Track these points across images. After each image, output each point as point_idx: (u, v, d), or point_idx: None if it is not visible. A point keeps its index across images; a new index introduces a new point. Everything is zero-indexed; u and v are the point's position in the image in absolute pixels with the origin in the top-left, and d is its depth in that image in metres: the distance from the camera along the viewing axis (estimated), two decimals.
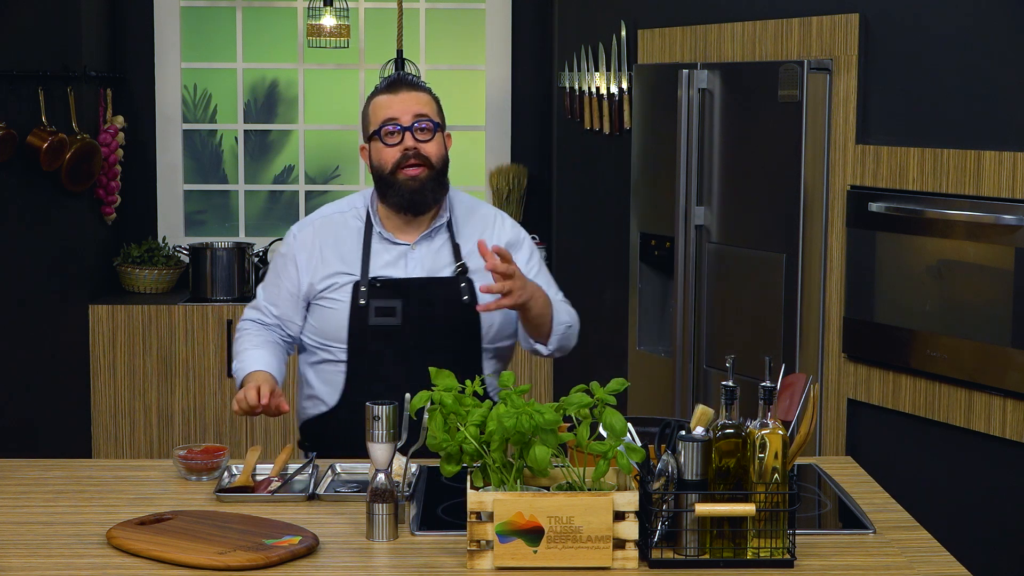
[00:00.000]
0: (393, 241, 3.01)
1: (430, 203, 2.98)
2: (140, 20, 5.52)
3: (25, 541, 2.36)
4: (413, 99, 2.96)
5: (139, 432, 5.13)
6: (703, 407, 2.29)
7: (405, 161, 2.93)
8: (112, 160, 5.24)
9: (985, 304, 3.50)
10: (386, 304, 2.95)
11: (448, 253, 3.02)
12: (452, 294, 2.98)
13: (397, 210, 2.98)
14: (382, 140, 2.96)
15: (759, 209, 4.11)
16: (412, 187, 2.94)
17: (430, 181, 2.95)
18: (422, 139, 2.95)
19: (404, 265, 2.99)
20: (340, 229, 3.04)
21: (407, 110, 2.95)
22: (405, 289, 2.96)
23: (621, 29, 4.79)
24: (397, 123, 2.94)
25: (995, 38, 3.54)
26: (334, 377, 3.00)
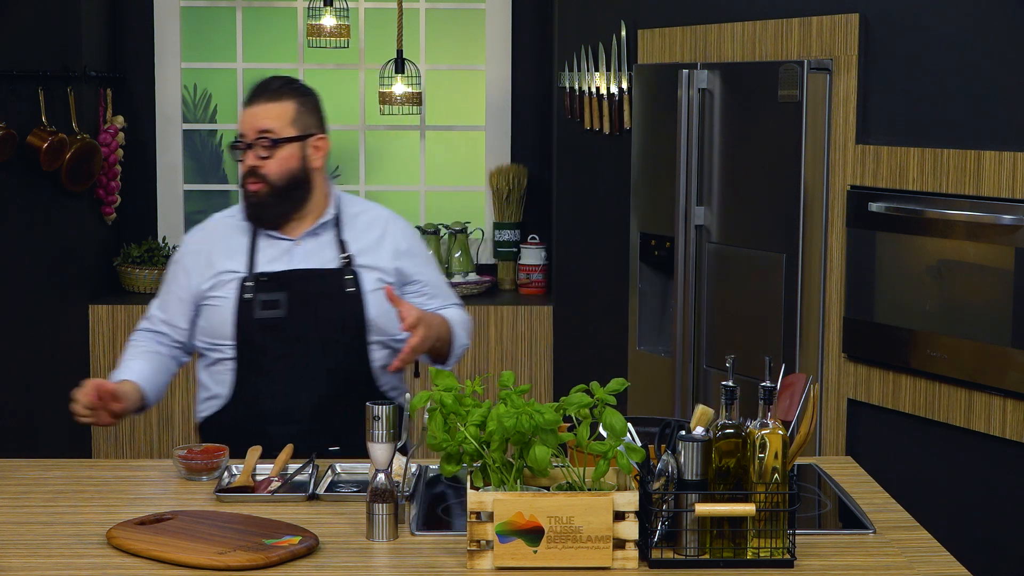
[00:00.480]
0: (278, 237, 3.05)
1: (269, 217, 3.03)
2: (140, 20, 5.52)
3: (25, 541, 2.36)
4: (263, 112, 3.00)
5: (139, 432, 5.13)
6: (703, 407, 2.29)
7: (247, 177, 3.00)
8: (112, 160, 5.24)
9: (985, 304, 3.50)
10: (270, 297, 2.99)
11: (333, 248, 3.06)
12: (336, 285, 3.01)
13: (246, 220, 3.06)
14: (233, 155, 3.06)
15: (759, 209, 4.11)
16: (252, 201, 3.02)
17: (268, 197, 3.00)
18: (262, 155, 2.99)
19: (289, 260, 3.03)
20: (228, 231, 3.09)
21: (253, 126, 3.00)
22: (289, 281, 3.00)
23: (621, 29, 4.79)
24: (243, 139, 3.01)
25: (995, 38, 3.54)
26: (225, 376, 3.03)
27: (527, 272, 5.52)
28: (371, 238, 3.09)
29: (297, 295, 3.00)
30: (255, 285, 2.99)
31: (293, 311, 2.99)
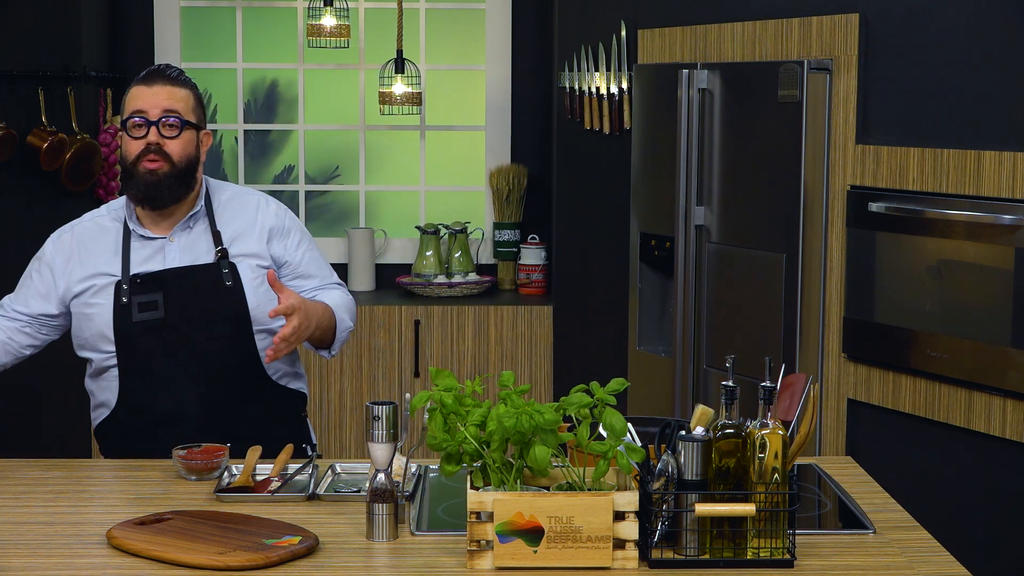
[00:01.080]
0: (149, 236, 3.01)
1: (167, 199, 2.96)
2: (140, 20, 5.52)
3: (25, 541, 2.36)
4: (166, 93, 2.95)
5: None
6: (703, 407, 2.29)
7: (146, 154, 2.93)
8: (112, 160, 5.24)
9: (985, 304, 3.50)
10: (148, 299, 2.95)
11: (207, 241, 3.02)
12: (214, 279, 2.97)
13: (136, 202, 2.99)
14: (127, 131, 2.96)
15: (759, 209, 4.11)
16: (149, 180, 2.94)
17: (168, 177, 2.94)
18: (167, 135, 2.94)
19: (163, 258, 2.99)
20: (98, 233, 3.06)
21: (157, 104, 2.94)
22: (164, 281, 2.96)
23: (621, 29, 4.79)
24: (144, 116, 2.94)
25: (995, 38, 3.54)
26: (111, 382, 3.00)
27: (527, 272, 5.52)
28: (243, 223, 3.05)
29: (174, 294, 2.95)
30: (130, 288, 2.95)
31: (171, 311, 2.95)
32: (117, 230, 3.04)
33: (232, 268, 2.99)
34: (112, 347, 2.97)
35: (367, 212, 5.76)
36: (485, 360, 5.19)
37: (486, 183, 5.66)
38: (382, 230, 5.65)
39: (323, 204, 5.85)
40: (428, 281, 5.37)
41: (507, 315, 5.23)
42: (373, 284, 5.52)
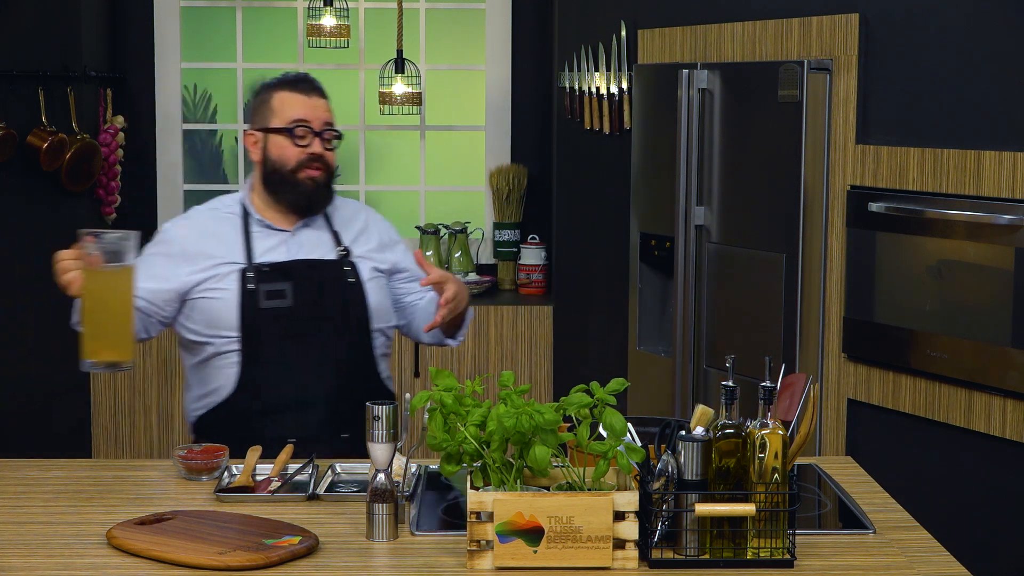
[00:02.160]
0: (273, 228, 3.08)
1: (321, 205, 3.09)
2: (140, 20, 5.52)
3: (25, 541, 2.36)
4: (323, 106, 3.09)
5: (139, 432, 5.13)
6: (703, 407, 2.29)
7: (309, 163, 3.03)
8: (112, 160, 5.24)
9: (985, 304, 3.50)
10: (275, 287, 3.01)
11: (329, 240, 3.11)
12: (338, 275, 3.06)
13: (289, 207, 3.06)
14: (293, 140, 3.03)
15: (759, 209, 4.11)
16: (310, 187, 3.04)
17: (324, 186, 3.06)
18: (328, 148, 3.06)
19: (286, 250, 3.06)
20: (216, 224, 3.10)
21: (318, 116, 3.06)
22: (292, 271, 3.02)
23: (621, 29, 4.79)
24: (309, 126, 3.04)
25: (995, 38, 3.54)
26: (226, 369, 3.02)
27: (527, 272, 5.52)
28: (356, 229, 3.16)
29: (302, 285, 3.02)
30: (256, 275, 3.00)
31: (299, 300, 3.01)
32: (235, 221, 3.09)
33: (353, 267, 3.08)
34: (235, 333, 3.00)
35: None
36: (485, 360, 5.19)
37: (486, 183, 5.66)
38: None
39: None
40: None
41: (507, 315, 5.23)
42: None
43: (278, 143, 3.04)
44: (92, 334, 2.69)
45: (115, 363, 2.71)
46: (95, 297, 2.68)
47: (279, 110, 3.06)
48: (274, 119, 3.06)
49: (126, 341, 2.71)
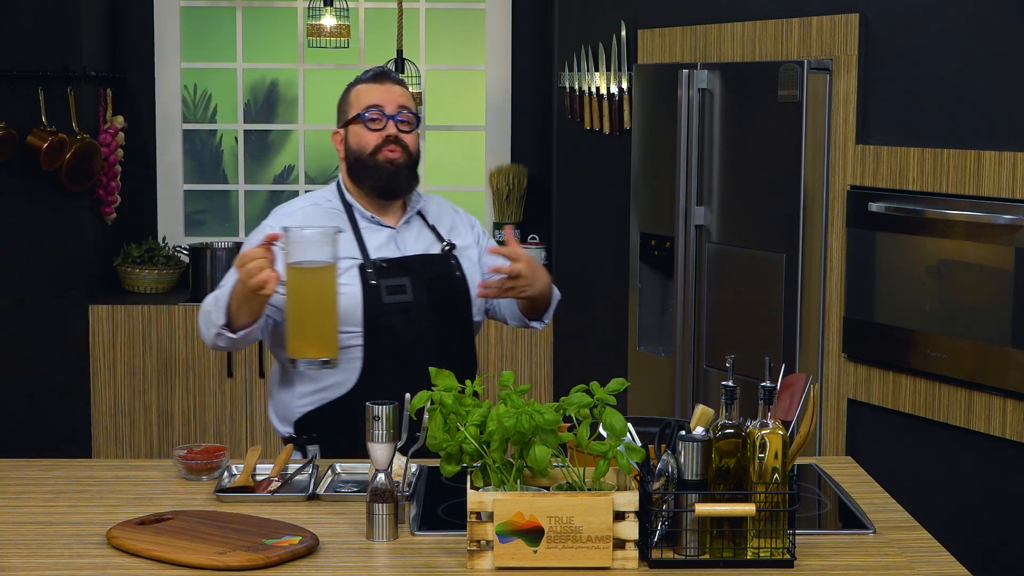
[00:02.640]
0: (381, 224, 3.08)
1: (404, 188, 3.06)
2: (140, 20, 5.52)
3: (25, 541, 2.36)
4: (398, 91, 3.07)
5: (139, 432, 5.13)
6: (703, 407, 2.29)
7: (385, 145, 3.02)
8: (112, 160, 5.24)
9: (985, 304, 3.50)
10: (395, 283, 3.01)
11: (429, 234, 3.12)
12: (447, 270, 3.08)
13: (373, 192, 3.05)
14: (365, 124, 3.03)
15: (759, 209, 4.11)
16: (389, 170, 3.03)
17: (406, 167, 3.04)
18: (404, 129, 3.04)
19: (395, 246, 3.06)
20: (325, 217, 3.07)
21: (392, 100, 3.04)
22: (410, 266, 3.04)
23: (621, 29, 4.79)
24: (382, 109, 3.03)
25: (995, 38, 3.54)
26: (347, 364, 2.98)
27: None
28: (450, 221, 3.18)
29: (419, 280, 3.03)
30: (376, 271, 3.00)
31: (417, 295, 3.02)
32: (342, 216, 3.08)
33: (457, 261, 3.10)
34: (357, 328, 2.98)
35: None
36: (485, 360, 5.19)
37: (486, 183, 5.66)
38: None
39: None
40: None
41: None
42: None
43: (356, 132, 3.05)
44: (298, 333, 2.67)
45: (321, 360, 2.67)
46: (300, 296, 2.65)
47: (355, 102, 3.07)
48: (351, 111, 3.07)
49: (331, 338, 2.68)
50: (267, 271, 2.67)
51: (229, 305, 2.85)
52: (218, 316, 2.87)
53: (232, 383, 5.12)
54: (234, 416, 5.13)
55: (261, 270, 2.67)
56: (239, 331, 2.87)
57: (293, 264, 2.63)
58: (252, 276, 2.68)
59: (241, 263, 2.70)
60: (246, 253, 2.71)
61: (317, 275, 2.65)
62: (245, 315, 2.85)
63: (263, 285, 2.67)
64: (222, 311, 2.86)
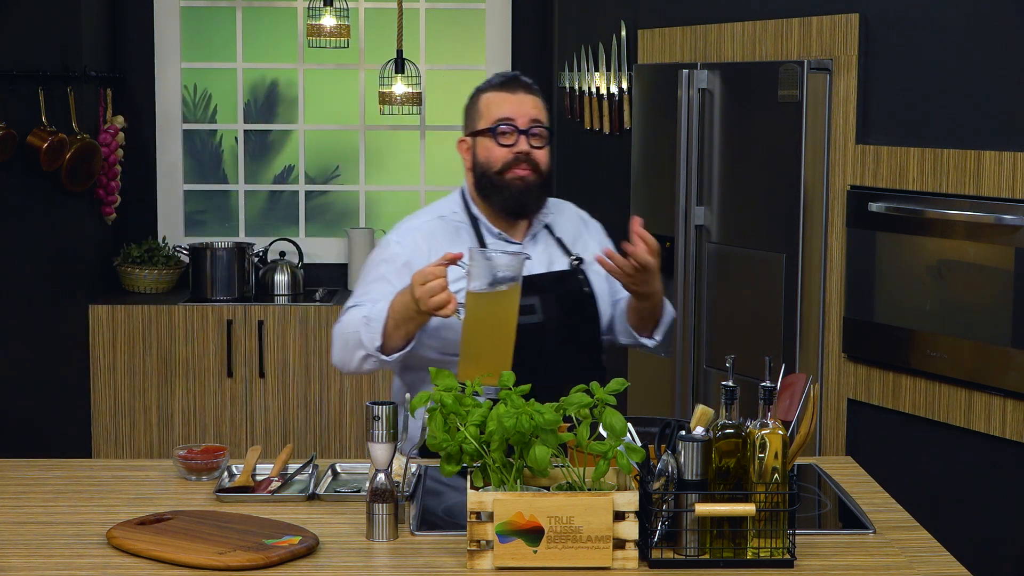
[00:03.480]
0: (509, 240, 2.96)
1: (533, 208, 2.94)
2: (140, 20, 5.52)
3: (25, 541, 2.36)
4: (530, 102, 2.93)
5: (139, 432, 5.13)
6: (703, 407, 2.29)
7: (516, 163, 2.90)
8: (112, 160, 5.24)
9: (985, 304, 3.50)
10: (525, 303, 2.82)
11: (557, 248, 3.00)
12: (576, 286, 2.96)
13: (501, 211, 2.93)
14: (495, 138, 2.92)
15: (759, 209, 4.11)
16: (519, 188, 2.90)
17: (536, 187, 2.91)
18: (536, 145, 2.91)
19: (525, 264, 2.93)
20: (451, 232, 2.97)
21: (524, 113, 2.91)
22: (539, 285, 2.90)
23: (621, 29, 4.79)
24: (514, 124, 2.91)
25: (995, 38, 3.54)
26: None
27: None
28: (572, 234, 3.04)
29: (549, 299, 2.91)
30: None
31: (548, 315, 2.90)
32: (469, 231, 2.97)
33: (586, 276, 2.98)
34: None
35: (367, 212, 5.76)
36: None
37: None
38: (382, 230, 5.65)
39: (323, 204, 5.85)
40: None
41: None
42: None
43: (484, 145, 2.94)
44: (473, 357, 2.60)
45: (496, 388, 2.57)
46: (481, 320, 2.59)
47: (485, 112, 2.95)
48: (480, 121, 2.95)
49: (506, 365, 2.60)
50: (446, 292, 2.60)
51: (385, 326, 2.76)
52: (372, 338, 2.78)
53: (232, 383, 5.12)
54: (234, 416, 5.13)
55: (443, 289, 2.60)
56: (392, 354, 2.78)
57: (479, 288, 2.57)
58: (433, 294, 2.61)
59: (420, 281, 2.62)
60: (425, 271, 2.62)
61: (501, 300, 2.59)
62: (401, 337, 2.76)
63: (443, 305, 2.61)
64: (378, 332, 2.77)
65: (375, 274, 2.95)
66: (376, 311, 2.80)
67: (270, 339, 5.11)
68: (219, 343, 5.12)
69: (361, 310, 2.85)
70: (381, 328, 2.77)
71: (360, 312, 2.85)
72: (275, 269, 5.36)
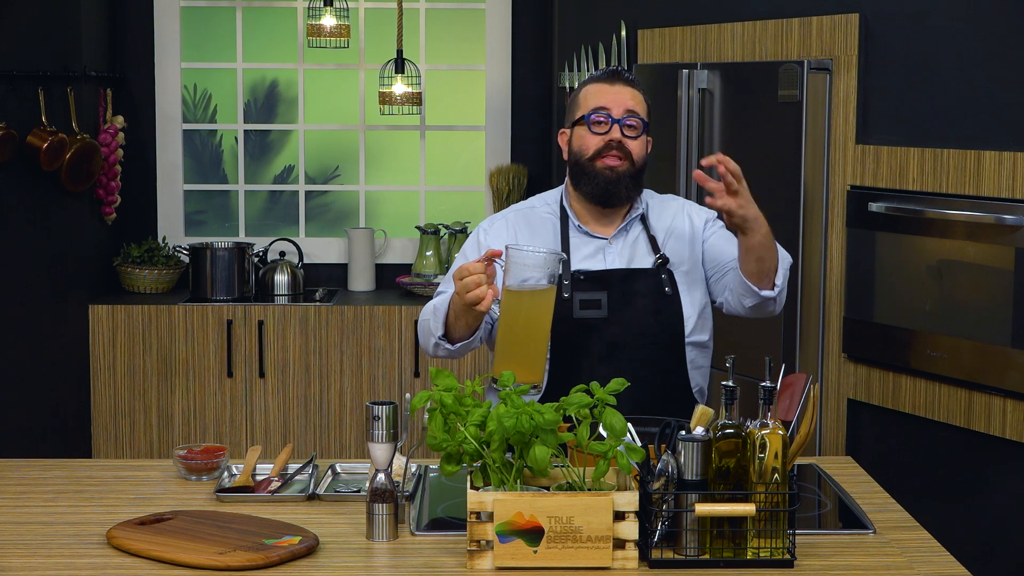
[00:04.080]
0: (591, 235, 2.97)
1: (623, 198, 2.94)
2: (140, 20, 5.52)
3: (25, 541, 2.36)
4: (628, 93, 2.94)
5: (139, 432, 5.13)
6: (703, 407, 2.29)
7: (607, 151, 2.90)
8: (112, 160, 5.24)
9: (985, 304, 3.50)
10: (591, 297, 2.88)
11: (645, 245, 2.99)
12: (654, 286, 2.94)
13: (589, 199, 2.94)
14: (589, 126, 2.92)
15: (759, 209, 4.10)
16: (608, 177, 2.91)
17: (627, 176, 2.92)
18: (629, 135, 2.92)
19: (603, 258, 2.95)
20: (534, 222, 3.00)
21: (620, 103, 2.92)
22: (609, 281, 2.91)
23: (621, 29, 4.79)
24: (608, 113, 2.91)
25: (995, 38, 3.54)
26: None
27: None
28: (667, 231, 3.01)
29: (617, 295, 2.91)
30: (572, 283, 2.90)
31: (614, 311, 2.90)
32: (554, 222, 2.99)
33: (669, 275, 2.95)
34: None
35: (367, 212, 5.76)
36: (486, 360, 5.19)
37: (486, 183, 5.66)
38: (382, 230, 5.65)
39: (323, 204, 5.85)
40: (428, 281, 5.37)
41: None
42: (373, 284, 5.52)
43: (579, 134, 2.94)
44: (507, 353, 2.61)
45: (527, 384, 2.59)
46: (514, 317, 2.60)
47: (583, 103, 2.95)
48: (578, 112, 2.96)
49: (539, 363, 2.63)
50: (484, 287, 2.62)
51: (447, 316, 2.80)
52: (436, 326, 2.82)
53: (232, 383, 5.12)
54: (234, 416, 5.13)
55: (478, 285, 2.62)
56: (457, 343, 2.82)
57: (512, 285, 2.58)
58: (469, 290, 2.63)
59: (459, 276, 2.65)
60: (464, 267, 2.65)
61: (534, 298, 2.59)
62: (463, 327, 2.80)
63: (479, 301, 2.62)
64: (440, 321, 2.81)
65: (459, 259, 3.01)
66: (443, 300, 2.86)
67: (270, 339, 5.11)
68: (219, 343, 5.12)
69: (437, 298, 2.92)
70: (443, 318, 2.82)
71: (435, 300, 2.92)
72: (275, 269, 5.36)
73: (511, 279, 2.60)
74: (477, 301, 2.63)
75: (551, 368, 2.90)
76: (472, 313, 2.72)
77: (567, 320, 2.88)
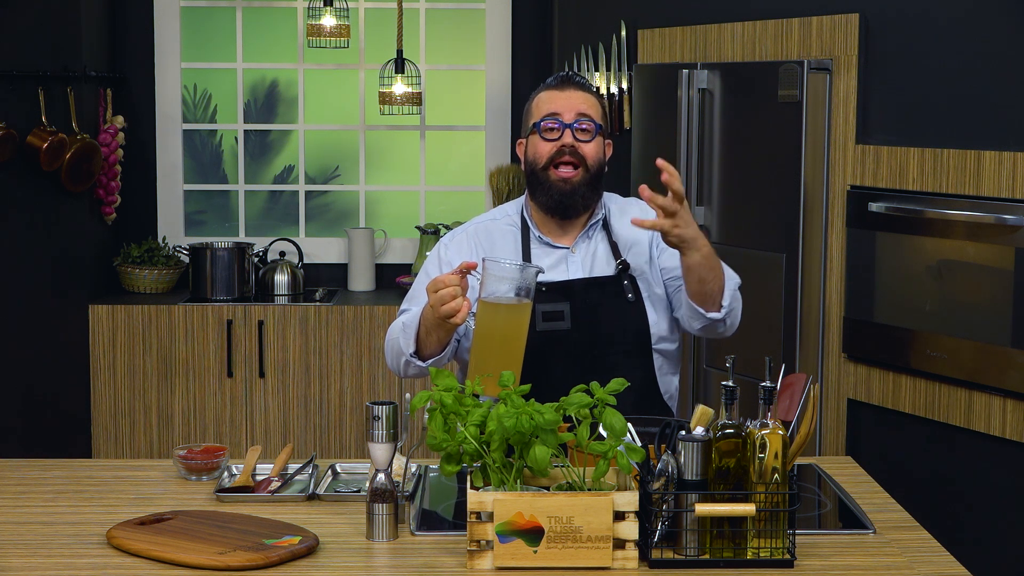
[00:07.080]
0: (553, 245, 2.94)
1: (579, 207, 2.90)
2: (140, 20, 5.52)
3: (25, 541, 2.36)
4: (579, 97, 2.91)
5: (139, 432, 5.13)
6: (703, 407, 2.29)
7: (559, 157, 2.87)
8: (112, 160, 5.24)
9: (985, 304, 3.50)
10: (553, 308, 2.84)
11: (606, 251, 2.95)
12: (617, 293, 2.90)
13: (545, 211, 2.91)
14: (541, 133, 2.88)
15: (759, 209, 4.11)
16: (563, 189, 2.87)
17: (582, 185, 2.88)
18: (581, 138, 2.88)
19: (565, 268, 2.91)
20: (495, 234, 2.96)
21: (571, 107, 2.88)
22: (571, 291, 2.88)
23: (621, 29, 4.79)
24: (559, 118, 2.87)
25: (995, 38, 3.54)
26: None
27: None
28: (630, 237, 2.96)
29: (580, 304, 2.87)
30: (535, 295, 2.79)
31: (577, 322, 2.86)
32: (515, 234, 2.95)
33: (632, 281, 2.91)
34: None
35: (367, 212, 5.76)
36: None
37: (486, 183, 5.66)
38: (382, 230, 5.65)
39: (323, 204, 5.85)
40: None
41: None
42: (373, 284, 5.52)
43: (532, 142, 2.90)
44: (481, 366, 2.58)
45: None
46: (489, 330, 2.58)
47: (535, 111, 2.91)
48: (530, 120, 2.92)
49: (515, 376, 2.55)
50: (460, 299, 2.58)
51: (418, 332, 2.76)
52: (408, 344, 2.78)
53: (232, 383, 5.12)
54: (234, 416, 5.13)
55: (454, 298, 2.58)
56: (428, 359, 2.78)
57: (489, 297, 2.56)
58: (444, 303, 2.59)
59: (433, 288, 2.61)
60: (438, 279, 2.61)
61: (511, 311, 2.57)
62: (434, 342, 2.75)
63: (454, 313, 2.58)
64: (411, 338, 2.77)
65: (421, 276, 2.96)
66: (412, 316, 2.81)
67: (270, 339, 5.11)
68: (219, 343, 5.12)
69: (404, 316, 2.87)
70: (414, 334, 2.78)
71: (403, 318, 2.87)
72: (275, 269, 5.36)
73: (486, 292, 2.57)
74: (452, 314, 2.59)
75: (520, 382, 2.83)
76: (445, 327, 2.69)
77: (531, 333, 2.81)
